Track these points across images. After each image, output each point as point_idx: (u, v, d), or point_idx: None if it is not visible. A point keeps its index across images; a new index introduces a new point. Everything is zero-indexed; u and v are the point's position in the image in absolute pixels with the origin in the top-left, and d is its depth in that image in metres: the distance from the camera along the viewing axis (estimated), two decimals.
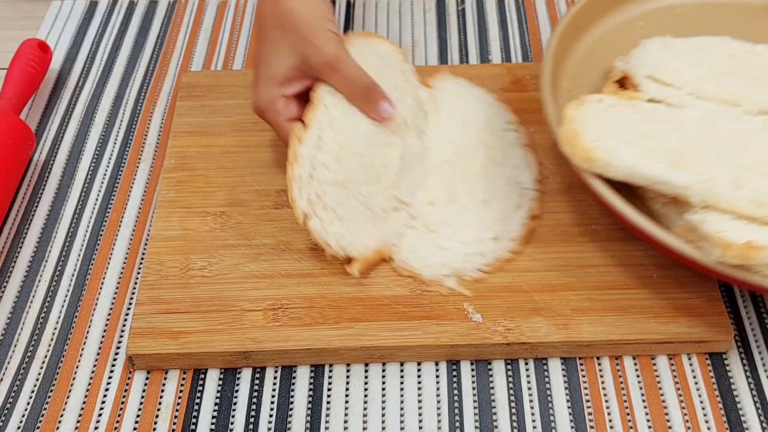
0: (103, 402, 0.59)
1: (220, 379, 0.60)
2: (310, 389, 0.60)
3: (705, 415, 0.58)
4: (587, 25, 0.72)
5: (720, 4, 0.75)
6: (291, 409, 0.59)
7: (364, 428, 0.58)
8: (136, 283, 0.66)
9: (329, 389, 0.60)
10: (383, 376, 0.60)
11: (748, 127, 0.61)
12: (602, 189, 0.58)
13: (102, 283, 0.66)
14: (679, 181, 0.57)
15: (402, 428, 0.58)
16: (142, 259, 0.67)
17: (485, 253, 0.64)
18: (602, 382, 0.60)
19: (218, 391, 0.60)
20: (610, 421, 0.58)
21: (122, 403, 0.59)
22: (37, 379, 0.60)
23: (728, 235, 0.53)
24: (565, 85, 0.69)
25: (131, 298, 0.65)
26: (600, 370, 0.60)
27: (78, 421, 0.58)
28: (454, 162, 0.69)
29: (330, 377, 0.60)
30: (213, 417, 0.58)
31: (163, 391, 0.60)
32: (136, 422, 0.58)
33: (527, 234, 0.65)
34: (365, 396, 0.59)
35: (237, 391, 0.60)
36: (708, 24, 0.72)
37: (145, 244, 0.68)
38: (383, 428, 0.58)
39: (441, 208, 0.66)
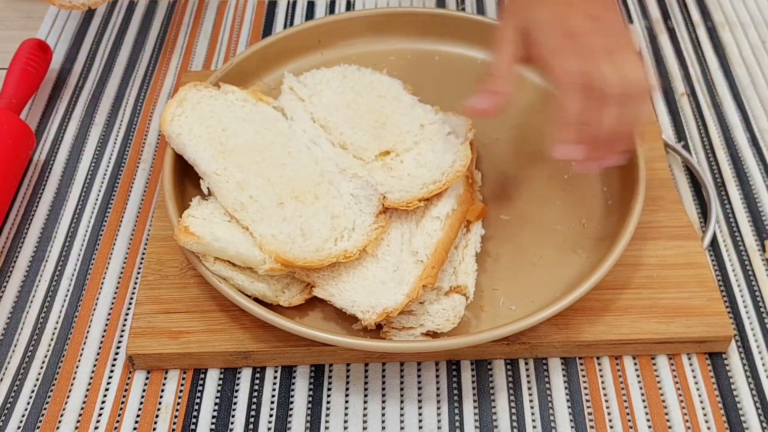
0: (103, 402, 0.59)
1: (220, 379, 0.60)
2: (310, 389, 0.60)
3: (705, 415, 0.58)
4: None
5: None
6: (291, 409, 0.59)
7: (364, 428, 0.58)
8: (136, 283, 0.66)
9: (329, 389, 0.60)
10: (383, 376, 0.60)
11: (313, 152, 0.65)
12: (167, 160, 0.65)
13: (102, 283, 0.66)
14: (205, 167, 0.63)
15: (402, 428, 0.58)
16: (142, 259, 0.67)
17: None
18: (602, 382, 0.60)
19: (218, 391, 0.60)
20: (610, 421, 0.58)
21: (122, 403, 0.59)
22: (37, 379, 0.60)
23: (189, 221, 0.59)
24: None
25: (131, 298, 0.65)
26: (600, 370, 0.60)
27: (78, 421, 0.58)
28: None
29: (330, 377, 0.60)
30: (213, 417, 0.58)
31: (163, 391, 0.60)
32: (136, 422, 0.58)
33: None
34: (365, 396, 0.59)
35: (237, 391, 0.60)
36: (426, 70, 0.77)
37: (145, 244, 0.68)
38: (383, 428, 0.58)
39: None
